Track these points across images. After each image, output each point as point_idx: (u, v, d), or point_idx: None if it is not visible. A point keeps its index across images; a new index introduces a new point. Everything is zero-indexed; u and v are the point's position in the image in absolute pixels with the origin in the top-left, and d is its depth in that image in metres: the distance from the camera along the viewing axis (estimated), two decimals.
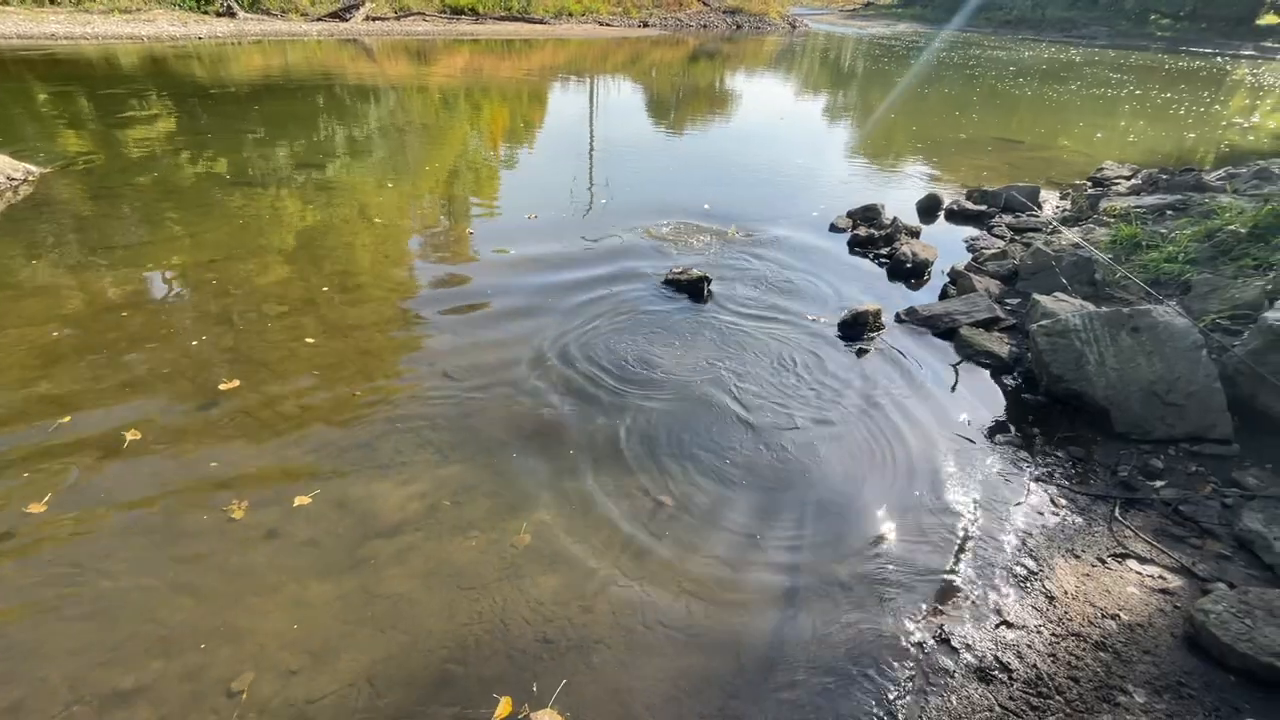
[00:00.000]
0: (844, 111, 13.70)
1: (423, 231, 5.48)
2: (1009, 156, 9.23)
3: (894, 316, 4.32)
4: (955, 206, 6.61)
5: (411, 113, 10.51)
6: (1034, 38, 36.84)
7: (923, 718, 1.94)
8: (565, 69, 17.01)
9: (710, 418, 3.25)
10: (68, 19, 16.19)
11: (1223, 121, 12.75)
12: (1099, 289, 4.24)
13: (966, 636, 2.19)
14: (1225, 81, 20.08)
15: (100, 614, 2.15)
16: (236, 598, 2.23)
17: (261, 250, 4.88)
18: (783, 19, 34.40)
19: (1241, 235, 4.05)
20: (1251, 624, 2.03)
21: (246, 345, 3.65)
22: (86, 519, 2.50)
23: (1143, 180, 6.71)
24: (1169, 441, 3.04)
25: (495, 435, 3.06)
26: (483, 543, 2.49)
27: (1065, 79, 19.02)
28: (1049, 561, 2.48)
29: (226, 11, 19.16)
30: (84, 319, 3.82)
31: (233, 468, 2.79)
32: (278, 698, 1.95)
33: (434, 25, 22.66)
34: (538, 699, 1.96)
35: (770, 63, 22.29)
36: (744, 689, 2.01)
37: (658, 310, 4.29)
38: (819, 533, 2.60)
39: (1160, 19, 37.82)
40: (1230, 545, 2.51)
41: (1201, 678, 2.00)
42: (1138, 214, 5.10)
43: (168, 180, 6.36)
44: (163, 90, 10.50)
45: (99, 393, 3.19)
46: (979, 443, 3.17)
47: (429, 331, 3.93)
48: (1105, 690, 1.98)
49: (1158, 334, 3.15)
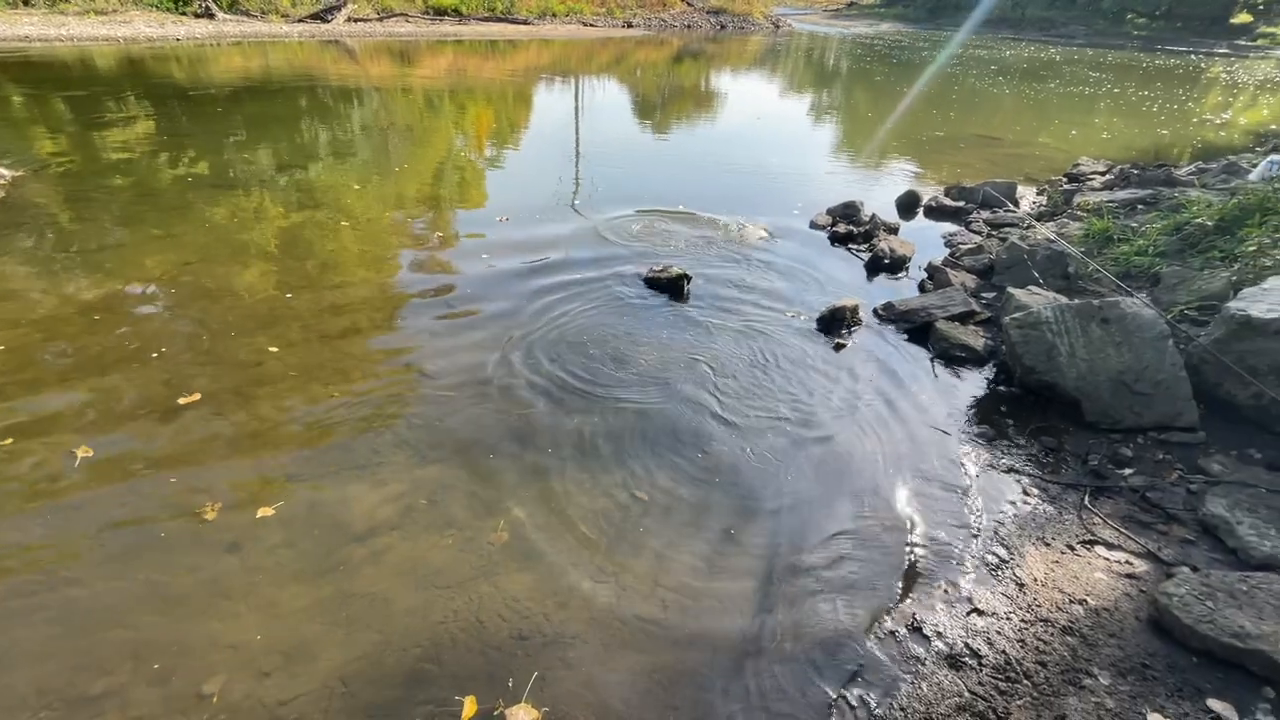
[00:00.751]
0: (827, 111, 13.79)
1: (403, 232, 5.45)
2: (988, 153, 9.33)
3: (872, 312, 4.36)
4: (934, 203, 6.68)
5: (395, 114, 10.46)
6: (1013, 36, 37.29)
7: (894, 705, 1.96)
8: (550, 69, 16.99)
9: (687, 415, 3.27)
10: (42, 21, 15.93)
11: (1194, 118, 12.96)
12: (1072, 282, 4.30)
13: (938, 624, 2.22)
14: (1200, 79, 20.41)
15: (68, 620, 2.13)
16: (208, 601, 2.21)
17: (239, 252, 4.84)
18: (766, 19, 34.57)
19: (1208, 228, 4.13)
20: (1213, 606, 2.07)
21: (221, 346, 3.62)
22: (56, 522, 2.47)
23: (1115, 175, 6.81)
24: (1138, 430, 3.10)
25: (472, 434, 3.06)
26: (459, 541, 2.49)
27: (1045, 77, 19.26)
28: (1020, 549, 2.52)
29: (205, 13, 18.94)
30: (55, 322, 3.77)
31: (205, 470, 2.77)
32: (250, 700, 1.94)
33: (417, 26, 22.55)
34: (512, 694, 1.96)
35: (754, 63, 22.39)
36: (716, 681, 2.03)
37: (637, 308, 4.30)
38: (793, 526, 2.62)
39: (1136, 18, 38.38)
40: (1195, 530, 2.56)
41: (1165, 659, 2.04)
42: (1110, 208, 5.18)
43: (145, 183, 6.28)
44: (140, 92, 10.37)
45: (70, 394, 3.15)
46: (954, 434, 3.21)
47: (407, 331, 3.92)
48: (1071, 674, 2.02)
49: (1126, 325, 3.20)
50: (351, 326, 3.91)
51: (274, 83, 12.12)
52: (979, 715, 1.92)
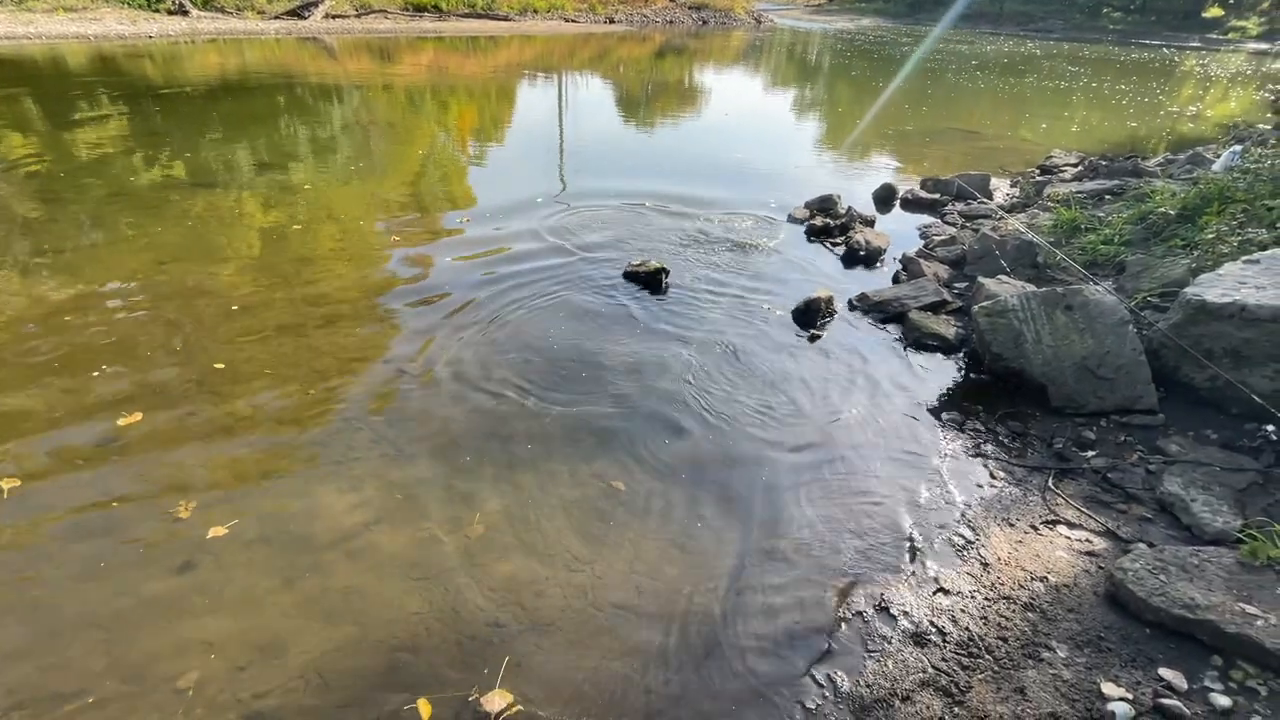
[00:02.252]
0: (807, 106, 13.88)
1: (382, 229, 5.43)
2: (966, 147, 9.45)
3: (847, 303, 4.43)
4: (910, 195, 6.77)
5: (375, 111, 10.38)
6: (992, 31, 37.67)
7: (860, 682, 2.02)
8: (532, 66, 16.92)
9: (662, 405, 3.31)
10: (9, 18, 15.59)
11: (1165, 111, 13.20)
12: (1040, 271, 4.39)
13: (904, 604, 2.28)
14: (1174, 73, 20.77)
15: (38, 620, 2.12)
16: (182, 596, 2.22)
17: (215, 251, 4.80)
18: (748, 14, 34.61)
19: (1171, 217, 4.24)
20: (1166, 579, 2.15)
21: (198, 345, 3.60)
22: (28, 519, 2.46)
23: (1085, 167, 6.94)
24: (1100, 414, 3.18)
25: (449, 429, 3.07)
26: (435, 534, 2.51)
27: (1023, 71, 19.50)
28: (985, 530, 2.59)
29: (179, 9, 18.64)
30: (25, 322, 3.73)
31: (180, 467, 2.77)
32: (225, 693, 1.95)
33: (396, 23, 22.33)
34: (487, 681, 1.99)
35: (736, 58, 22.44)
36: (688, 663, 2.07)
37: (615, 302, 4.33)
38: (765, 512, 2.67)
39: (1112, 12, 38.94)
40: (1153, 508, 2.64)
41: (1119, 631, 2.11)
42: (1078, 199, 5.29)
43: (119, 182, 6.20)
44: (113, 90, 10.20)
45: (46, 391, 3.12)
46: (923, 421, 3.28)
47: (386, 327, 3.92)
48: (1031, 648, 2.08)
49: (1089, 311, 3.29)
50: (328, 322, 3.90)
51: (251, 80, 11.97)
52: (942, 689, 1.98)
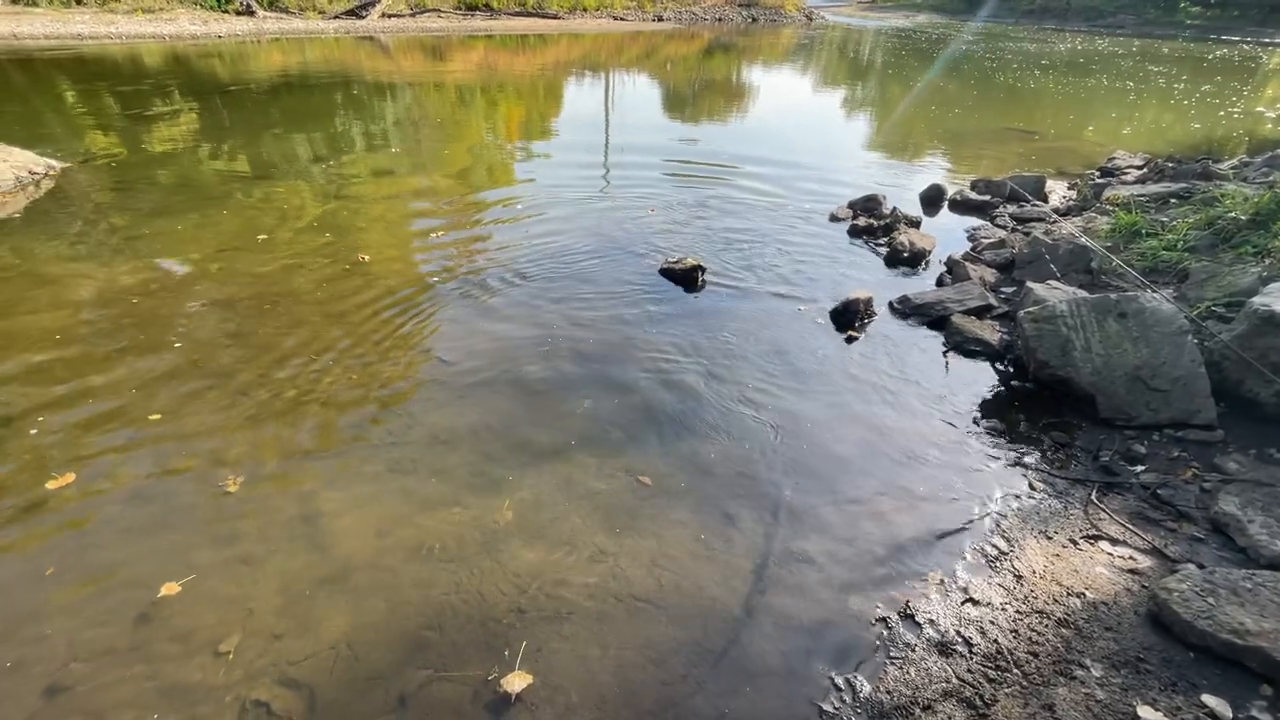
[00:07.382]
0: (857, 104, 13.58)
1: (429, 223, 5.58)
2: (1023, 148, 9.10)
3: (887, 305, 4.33)
4: (959, 197, 6.56)
5: (427, 108, 10.66)
6: (1058, 27, 36.09)
7: (881, 688, 1.98)
8: (580, 64, 17.07)
9: (696, 403, 3.31)
10: (93, 19, 16.62)
11: (1239, 110, 12.41)
12: (1095, 277, 4.20)
13: (931, 613, 2.22)
14: (1259, 71, 19.49)
15: (93, 581, 2.27)
16: (225, 567, 2.34)
17: (271, 239, 5.02)
18: (799, 11, 34.08)
19: (1242, 222, 3.99)
20: (1214, 602, 2.04)
21: (249, 329, 3.78)
22: (94, 488, 2.63)
23: (1150, 169, 6.59)
24: (1153, 427, 3.03)
25: (484, 418, 3.15)
26: (465, 519, 2.58)
27: (1095, 70, 18.62)
28: (1020, 542, 2.50)
29: (246, 10, 19.51)
30: (97, 305, 3.98)
31: (228, 444, 2.91)
32: (263, 658, 2.05)
33: (448, 22, 22.86)
34: (508, 663, 2.04)
35: (785, 56, 22.13)
36: (706, 658, 2.07)
37: (651, 299, 4.34)
38: (794, 513, 2.65)
39: (1190, 6, 36.76)
40: (1205, 528, 2.51)
41: (1160, 654, 2.02)
42: (1139, 202, 5.03)
43: (186, 174, 6.55)
44: (185, 87, 10.76)
45: (111, 373, 3.34)
46: (962, 428, 3.19)
47: (429, 317, 4.03)
48: (1063, 664, 2.01)
49: (1144, 319, 3.13)
50: (374, 310, 4.04)
51: (311, 78, 12.44)
52: (965, 701, 1.93)
